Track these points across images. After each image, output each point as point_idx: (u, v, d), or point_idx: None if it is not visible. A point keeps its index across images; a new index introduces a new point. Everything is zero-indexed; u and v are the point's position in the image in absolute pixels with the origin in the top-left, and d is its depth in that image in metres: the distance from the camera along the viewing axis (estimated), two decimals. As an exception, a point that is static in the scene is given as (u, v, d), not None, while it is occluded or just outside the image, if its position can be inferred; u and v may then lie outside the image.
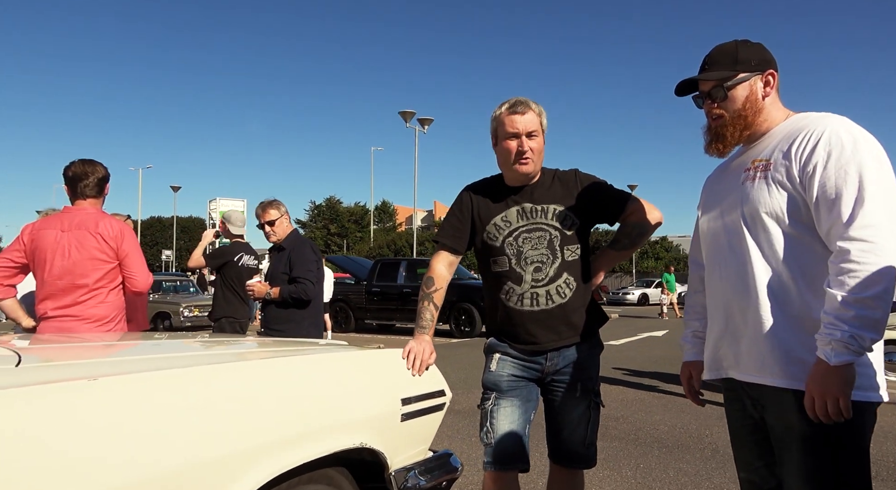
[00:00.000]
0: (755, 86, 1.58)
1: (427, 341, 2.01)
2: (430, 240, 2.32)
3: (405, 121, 20.32)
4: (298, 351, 1.86)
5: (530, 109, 2.02)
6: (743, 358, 1.55)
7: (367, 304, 13.45)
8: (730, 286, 1.57)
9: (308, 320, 3.42)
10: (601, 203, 2.08)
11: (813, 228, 1.44)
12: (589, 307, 2.09)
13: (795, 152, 1.44)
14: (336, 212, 54.32)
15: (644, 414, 5.34)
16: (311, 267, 3.38)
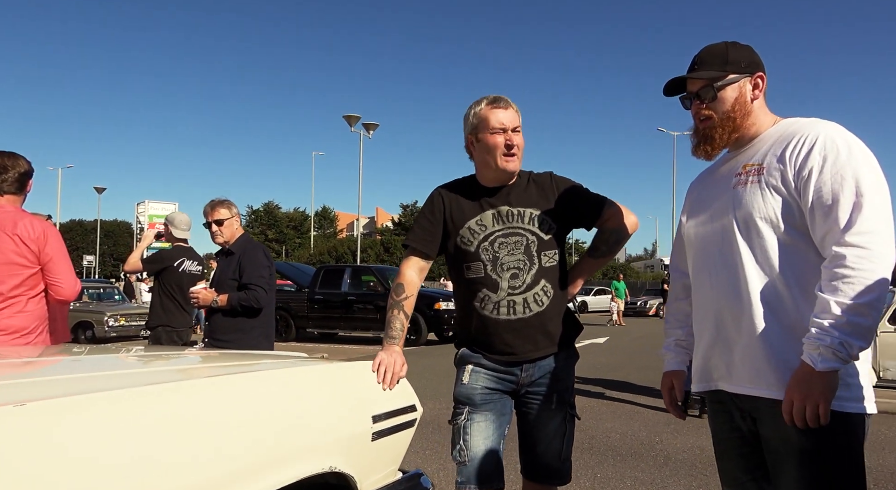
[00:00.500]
0: (744, 88, 1.55)
1: (398, 352, 1.87)
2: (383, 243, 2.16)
3: (350, 125, 20.02)
4: (250, 366, 1.67)
5: (511, 106, 1.95)
6: (736, 368, 1.50)
7: (309, 312, 13.08)
8: (721, 294, 1.52)
9: (258, 330, 3.18)
10: (578, 207, 2.02)
11: (807, 235, 1.41)
12: (565, 316, 2.01)
13: (790, 156, 1.42)
14: (274, 217, 53.03)
15: (595, 421, 5.35)
16: (263, 272, 3.15)
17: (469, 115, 1.97)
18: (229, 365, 1.75)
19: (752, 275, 1.45)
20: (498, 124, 1.90)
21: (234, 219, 3.34)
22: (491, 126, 1.91)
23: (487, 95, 1.96)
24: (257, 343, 3.11)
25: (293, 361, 1.82)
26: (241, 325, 3.15)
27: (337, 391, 1.67)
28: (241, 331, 3.16)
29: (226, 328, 3.17)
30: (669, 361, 1.81)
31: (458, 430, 1.96)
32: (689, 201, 1.73)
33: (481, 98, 1.96)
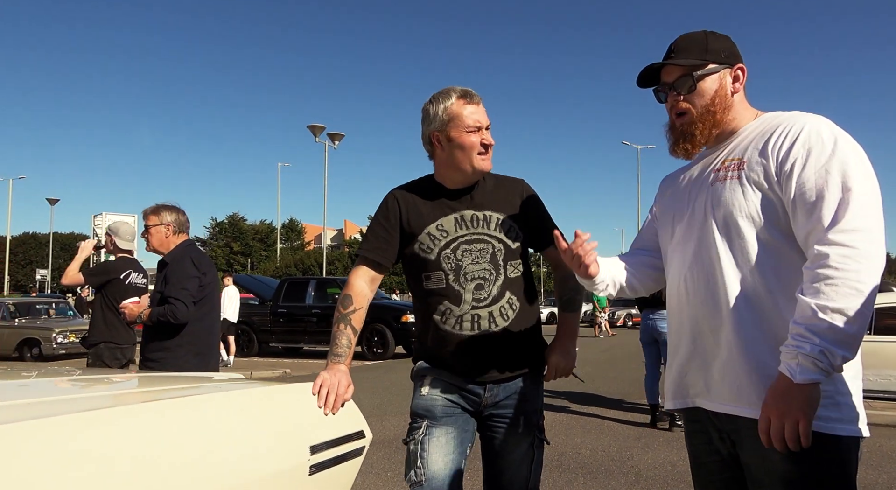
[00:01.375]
0: (724, 80, 1.42)
1: (343, 372, 1.66)
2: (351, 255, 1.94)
3: (314, 135, 19.69)
4: (167, 393, 1.45)
5: (481, 101, 1.79)
6: (715, 385, 1.35)
7: (273, 326, 12.69)
8: (698, 302, 1.38)
9: (186, 349, 2.89)
10: (536, 226, 1.86)
11: (791, 236, 1.28)
12: (533, 332, 1.83)
13: (772, 149, 1.30)
14: (239, 230, 52.01)
15: (564, 437, 5.19)
16: (186, 284, 2.86)
17: (437, 111, 1.77)
18: (146, 392, 1.52)
19: (732, 279, 1.32)
20: (473, 122, 1.74)
21: (161, 227, 3.06)
22: (466, 124, 1.74)
23: (454, 88, 1.78)
24: (184, 362, 2.84)
25: (220, 385, 1.60)
26: (166, 342, 2.88)
27: (267, 419, 1.45)
28: (166, 349, 2.89)
29: (153, 346, 2.90)
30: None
31: (416, 447, 1.75)
32: (663, 199, 1.59)
33: (447, 90, 1.78)
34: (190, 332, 2.88)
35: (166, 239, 3.07)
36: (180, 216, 3.11)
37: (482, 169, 1.77)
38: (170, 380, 1.78)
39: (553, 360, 1.83)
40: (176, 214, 3.10)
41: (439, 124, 1.77)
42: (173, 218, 3.08)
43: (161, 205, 3.12)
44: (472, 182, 1.81)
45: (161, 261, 3.02)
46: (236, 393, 1.48)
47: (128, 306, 3.09)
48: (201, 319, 2.93)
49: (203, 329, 2.93)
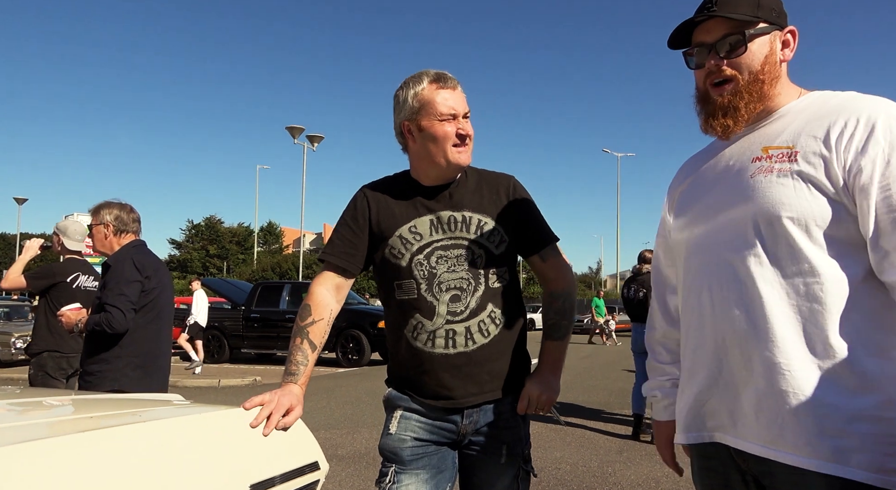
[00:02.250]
0: (775, 44, 1.18)
1: (291, 393, 1.43)
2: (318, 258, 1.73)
3: (293, 137, 19.35)
4: (78, 424, 1.21)
5: (459, 85, 1.56)
6: (745, 418, 1.11)
7: (245, 332, 12.35)
8: (726, 317, 1.13)
9: (125, 361, 2.61)
10: (526, 228, 1.62)
11: (854, 246, 1.04)
12: (517, 351, 1.60)
13: (838, 140, 1.04)
14: (216, 232, 51.12)
15: (543, 450, 4.99)
16: (125, 290, 2.58)
17: (407, 97, 1.55)
18: (42, 423, 1.27)
19: (774, 295, 1.07)
20: (448, 110, 1.52)
21: (101, 226, 2.79)
22: (439, 112, 1.52)
23: (426, 71, 1.56)
24: (122, 376, 2.58)
25: (149, 411, 1.36)
26: (104, 354, 2.60)
27: (200, 453, 1.22)
28: (104, 361, 2.60)
29: (92, 358, 2.62)
30: (666, 408, 1.40)
31: None
32: (680, 192, 1.33)
33: (419, 74, 1.56)
34: (130, 343, 2.61)
35: (107, 240, 2.79)
36: (123, 214, 2.82)
37: (458, 163, 1.55)
38: (91, 405, 1.53)
39: (530, 389, 1.58)
40: (117, 212, 2.81)
41: (409, 112, 1.55)
42: (113, 216, 2.79)
43: (103, 202, 2.84)
44: (451, 178, 1.59)
45: (104, 263, 2.75)
46: (163, 423, 1.25)
47: (65, 313, 2.81)
48: (144, 328, 2.65)
49: (145, 339, 2.66)
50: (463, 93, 1.57)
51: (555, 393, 1.61)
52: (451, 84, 1.54)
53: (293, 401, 1.41)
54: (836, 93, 1.15)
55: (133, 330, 2.60)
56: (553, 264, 1.65)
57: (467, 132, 1.54)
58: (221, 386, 9.30)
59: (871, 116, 1.04)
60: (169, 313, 2.82)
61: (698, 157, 1.34)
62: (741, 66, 1.16)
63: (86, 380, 2.62)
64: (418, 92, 1.53)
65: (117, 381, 2.56)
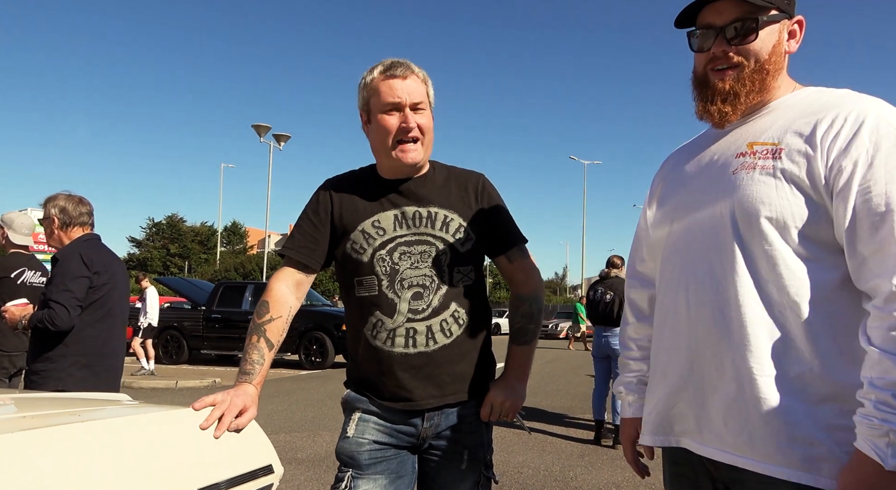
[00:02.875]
0: (783, 34, 1.13)
1: (246, 393, 1.37)
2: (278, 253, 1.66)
3: (259, 135, 19.03)
4: (19, 422, 1.13)
5: (413, 74, 1.49)
6: (712, 424, 1.08)
7: (205, 332, 12.07)
8: (702, 319, 1.10)
9: (71, 360, 2.49)
10: (494, 228, 1.58)
11: (832, 250, 1.01)
12: (482, 351, 1.56)
13: (823, 139, 1.01)
14: (178, 231, 49.88)
15: (506, 454, 4.98)
16: (71, 286, 2.45)
17: (360, 86, 1.52)
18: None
19: (751, 298, 1.04)
20: (392, 99, 1.45)
21: (47, 220, 2.66)
22: (383, 102, 1.46)
23: (385, 60, 1.51)
24: (67, 375, 2.46)
25: (91, 410, 1.28)
26: (49, 352, 2.47)
27: (144, 455, 1.14)
28: (49, 360, 2.48)
29: (37, 356, 2.49)
30: (633, 405, 1.38)
31: None
32: (662, 184, 1.29)
33: (378, 63, 1.51)
34: (76, 341, 2.48)
35: (54, 234, 2.66)
36: (70, 206, 2.68)
37: (401, 161, 1.48)
38: (28, 404, 1.43)
39: (495, 396, 1.54)
40: (63, 204, 2.67)
41: (362, 102, 1.52)
42: (58, 209, 2.65)
43: (51, 195, 2.70)
44: (410, 173, 1.54)
45: (53, 257, 2.62)
46: (105, 423, 1.17)
47: (9, 309, 2.67)
48: (92, 326, 2.53)
49: (93, 337, 2.53)
50: (420, 83, 1.50)
51: (520, 399, 1.57)
52: (402, 72, 1.47)
53: (247, 401, 1.35)
54: (830, 90, 1.12)
55: (80, 328, 2.48)
56: (521, 266, 1.62)
57: (410, 125, 1.46)
58: (179, 387, 9.05)
59: (860, 116, 1.00)
60: (121, 311, 2.70)
61: (683, 149, 1.30)
62: (749, 54, 1.11)
63: (31, 379, 2.49)
64: (368, 82, 1.50)
65: (61, 380, 2.44)
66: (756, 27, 1.10)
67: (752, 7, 1.10)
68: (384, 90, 1.46)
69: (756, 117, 1.14)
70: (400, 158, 1.48)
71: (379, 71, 1.49)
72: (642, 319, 1.37)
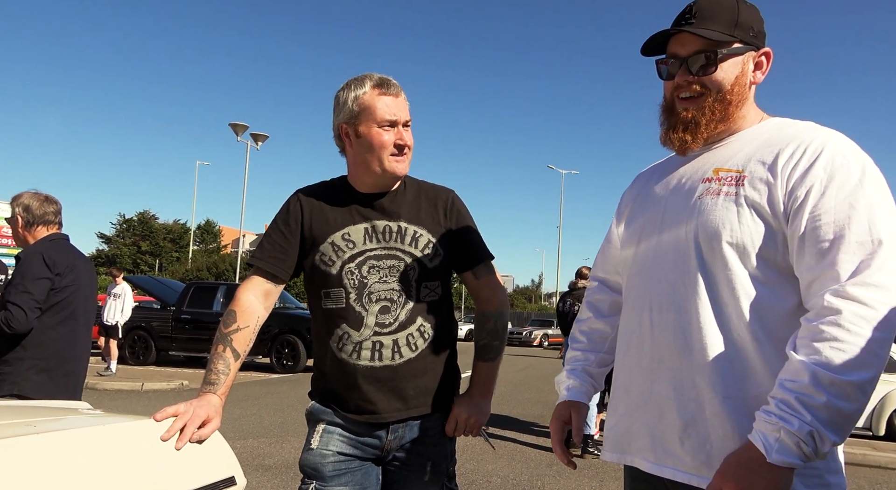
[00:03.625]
0: (747, 65, 1.17)
1: (209, 404, 1.35)
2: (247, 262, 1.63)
3: (236, 134, 18.80)
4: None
5: (401, 91, 1.53)
6: (668, 443, 1.11)
7: (174, 333, 11.82)
8: (664, 339, 1.13)
9: (28, 363, 2.42)
10: (462, 244, 1.60)
11: (789, 277, 1.05)
12: (447, 365, 1.58)
13: (784, 168, 1.05)
14: (150, 228, 48.95)
15: (475, 463, 4.98)
16: (30, 287, 2.39)
17: (347, 100, 1.51)
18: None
19: (710, 320, 1.07)
20: (388, 116, 1.49)
21: (13, 219, 2.59)
22: (379, 118, 1.48)
23: (370, 74, 1.53)
24: (24, 380, 2.39)
25: (35, 425, 1.25)
26: (6, 356, 2.40)
27: (102, 467, 1.12)
28: (5, 362, 2.40)
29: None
30: (571, 389, 1.38)
31: None
32: (631, 203, 1.32)
33: (362, 77, 1.53)
34: (35, 344, 2.42)
35: (19, 233, 2.59)
36: (35, 205, 2.61)
37: (394, 173, 1.52)
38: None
39: (459, 412, 1.56)
40: (28, 203, 2.60)
41: (348, 116, 1.51)
42: (21, 208, 2.58)
43: (20, 193, 2.63)
44: (387, 187, 1.56)
45: (16, 256, 2.55)
46: (62, 435, 1.15)
47: None
48: (53, 329, 2.46)
49: (53, 341, 2.46)
50: (406, 101, 1.55)
51: (484, 416, 1.59)
52: (394, 90, 1.51)
53: (210, 412, 1.33)
54: (794, 122, 1.16)
55: (40, 330, 2.42)
56: (486, 282, 1.64)
57: (406, 142, 1.51)
58: (144, 390, 8.85)
59: (818, 147, 1.05)
60: (86, 313, 2.63)
61: (654, 170, 1.34)
62: (710, 84, 1.15)
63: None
64: (359, 96, 1.50)
65: (16, 384, 2.37)
66: (716, 60, 1.15)
67: (713, 42, 1.14)
68: (381, 106, 1.49)
69: (723, 145, 1.18)
70: (395, 170, 1.51)
71: (371, 86, 1.50)
72: (599, 317, 1.40)
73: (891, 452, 5.93)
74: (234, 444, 5.17)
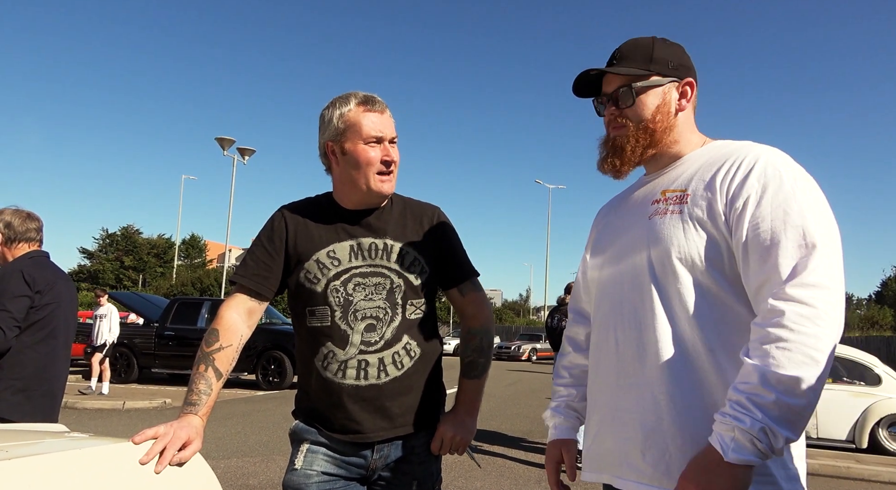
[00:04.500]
0: (669, 95, 1.27)
1: (190, 425, 1.32)
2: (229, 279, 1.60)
3: (222, 148, 18.73)
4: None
5: (387, 109, 1.54)
6: (630, 457, 1.15)
7: (157, 350, 11.68)
8: (627, 356, 1.18)
9: (4, 383, 2.34)
10: (447, 261, 1.60)
11: (738, 285, 1.11)
12: (432, 383, 1.56)
13: (721, 183, 1.13)
14: (133, 243, 48.46)
15: (464, 480, 4.93)
16: (9, 305, 2.34)
17: (332, 117, 1.51)
18: None
19: (664, 332, 1.13)
20: (374, 133, 1.48)
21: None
22: (365, 135, 1.48)
23: (355, 92, 1.53)
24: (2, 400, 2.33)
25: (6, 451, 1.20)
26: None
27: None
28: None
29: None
30: (558, 427, 1.43)
31: None
32: (596, 232, 1.41)
33: (347, 95, 1.53)
34: (13, 364, 2.36)
35: (4, 250, 2.54)
36: (17, 222, 2.56)
37: (380, 191, 1.51)
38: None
39: (445, 431, 1.55)
40: (9, 219, 2.55)
41: (334, 133, 1.51)
42: (3, 224, 2.52)
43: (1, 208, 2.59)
44: (374, 204, 1.55)
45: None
46: (35, 460, 1.11)
47: None
48: (32, 348, 2.40)
49: (32, 360, 2.41)
50: (391, 118, 1.55)
51: (470, 434, 1.57)
52: (380, 107, 1.52)
53: (191, 433, 1.30)
54: (732, 141, 1.24)
55: (18, 350, 2.36)
56: (472, 299, 1.64)
57: (392, 158, 1.51)
58: (126, 408, 8.69)
59: (752, 160, 1.12)
60: (65, 332, 2.58)
61: (614, 200, 1.43)
62: (630, 116, 1.26)
63: None
64: (344, 113, 1.50)
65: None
66: (632, 94, 1.26)
67: (629, 78, 1.25)
68: (367, 123, 1.48)
69: (670, 169, 1.27)
70: (381, 189, 1.50)
71: (356, 103, 1.50)
72: (578, 351, 1.45)
73: (874, 465, 5.97)
74: (217, 463, 5.08)
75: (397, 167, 1.54)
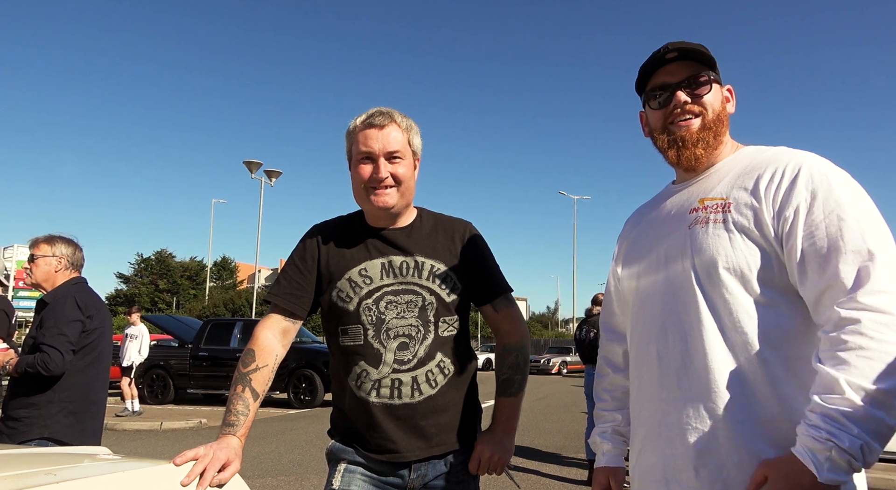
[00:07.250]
0: (724, 95, 1.25)
1: (229, 446, 1.34)
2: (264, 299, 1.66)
3: (250, 171, 19.12)
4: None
5: (393, 123, 1.50)
6: (680, 474, 1.11)
7: (192, 371, 11.86)
8: (671, 369, 1.15)
9: (58, 406, 2.43)
10: (480, 277, 1.59)
11: (789, 295, 1.07)
12: (468, 400, 1.55)
13: (766, 191, 1.09)
14: (167, 266, 49.56)
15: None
16: (65, 330, 2.43)
17: (346, 136, 1.56)
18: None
19: (716, 346, 1.09)
20: (363, 149, 1.48)
21: (52, 259, 2.63)
22: (355, 152, 1.51)
23: (370, 109, 1.54)
24: (53, 422, 2.40)
25: (55, 474, 1.24)
26: (34, 398, 2.43)
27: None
28: (33, 406, 2.42)
29: (18, 402, 2.44)
30: (606, 454, 1.40)
31: None
32: (626, 242, 1.37)
33: (363, 113, 1.55)
34: (65, 387, 2.44)
35: (54, 273, 2.64)
36: (77, 252, 2.71)
37: (376, 206, 1.49)
38: (5, 461, 1.39)
39: (482, 450, 1.52)
40: (73, 249, 2.69)
41: (346, 152, 1.56)
42: (69, 251, 2.67)
43: (57, 235, 2.70)
44: (390, 220, 1.54)
45: (40, 300, 2.59)
46: (81, 483, 1.13)
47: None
48: (83, 371, 2.50)
49: (82, 383, 2.49)
50: (399, 132, 1.51)
51: (508, 454, 1.55)
52: (380, 122, 1.49)
53: (230, 454, 1.32)
54: (768, 147, 1.22)
55: (69, 373, 2.45)
56: (506, 315, 1.62)
57: (381, 174, 1.47)
58: (163, 429, 8.83)
59: (795, 167, 1.09)
60: (108, 356, 2.67)
61: (642, 209, 1.39)
62: (707, 105, 1.21)
63: (9, 425, 2.42)
64: (349, 131, 1.54)
65: (48, 427, 2.39)
66: (710, 80, 1.21)
67: (700, 66, 1.21)
68: (360, 139, 1.50)
69: (704, 177, 1.23)
70: (373, 202, 1.49)
71: (361, 119, 1.52)
72: (617, 371, 1.42)
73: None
74: (253, 482, 5.12)
75: (405, 182, 1.50)
